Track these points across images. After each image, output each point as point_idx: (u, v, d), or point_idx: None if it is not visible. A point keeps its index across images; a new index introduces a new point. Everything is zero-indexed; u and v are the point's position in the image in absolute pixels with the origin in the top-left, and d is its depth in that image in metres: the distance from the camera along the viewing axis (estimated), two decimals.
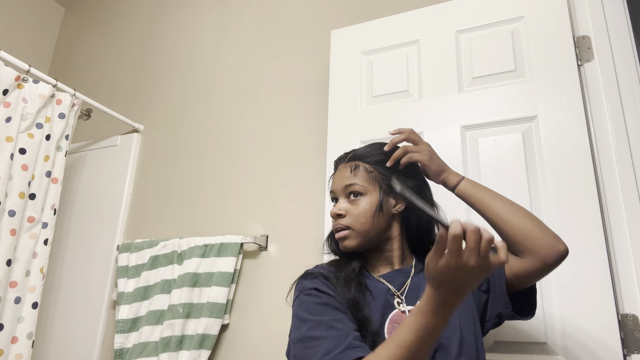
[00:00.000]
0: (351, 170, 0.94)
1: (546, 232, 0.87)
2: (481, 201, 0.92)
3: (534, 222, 0.88)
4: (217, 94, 2.08)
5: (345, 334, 0.77)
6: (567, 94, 1.32)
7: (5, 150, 1.61)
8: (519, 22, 1.46)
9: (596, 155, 1.29)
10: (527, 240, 0.86)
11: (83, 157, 2.25)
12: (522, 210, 0.90)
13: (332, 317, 0.80)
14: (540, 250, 0.86)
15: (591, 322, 1.14)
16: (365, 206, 0.92)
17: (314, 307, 0.83)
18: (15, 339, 1.58)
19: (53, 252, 2.03)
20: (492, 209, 0.91)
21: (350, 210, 0.92)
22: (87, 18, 2.72)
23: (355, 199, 0.93)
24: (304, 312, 0.83)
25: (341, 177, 0.96)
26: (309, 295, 0.86)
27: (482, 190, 0.94)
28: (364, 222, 0.91)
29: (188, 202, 1.96)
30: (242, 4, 2.17)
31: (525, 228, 0.87)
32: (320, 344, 0.76)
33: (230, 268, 1.66)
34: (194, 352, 1.57)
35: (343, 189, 0.95)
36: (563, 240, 0.87)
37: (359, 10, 1.85)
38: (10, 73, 1.67)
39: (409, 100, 1.53)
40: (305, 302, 0.85)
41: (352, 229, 0.92)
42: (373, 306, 0.87)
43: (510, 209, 0.90)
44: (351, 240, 0.92)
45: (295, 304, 0.88)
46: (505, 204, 0.91)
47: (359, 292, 0.87)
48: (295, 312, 0.86)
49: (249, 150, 1.90)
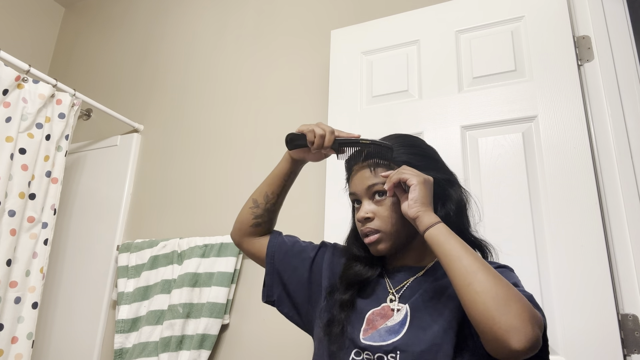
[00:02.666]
0: (371, 171, 0.89)
1: (505, 319, 0.66)
2: (447, 251, 0.75)
3: (496, 301, 0.67)
4: (217, 94, 2.08)
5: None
6: (567, 94, 1.32)
7: (5, 150, 1.61)
8: (519, 22, 1.46)
9: (596, 155, 1.29)
10: (479, 325, 0.69)
11: (83, 157, 2.25)
12: (487, 282, 0.70)
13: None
14: (489, 343, 0.69)
15: (591, 322, 1.14)
16: (392, 205, 0.87)
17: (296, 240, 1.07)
18: (15, 339, 1.58)
19: (53, 252, 2.03)
20: (454, 270, 0.73)
21: (378, 211, 0.88)
22: (87, 18, 2.73)
23: (380, 199, 0.88)
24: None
25: (361, 178, 0.90)
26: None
27: (454, 241, 0.76)
28: (394, 223, 0.87)
29: (188, 202, 1.96)
30: (242, 4, 2.17)
31: (480, 308, 0.68)
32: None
33: (230, 268, 1.66)
34: (194, 352, 1.57)
35: (366, 190, 0.89)
36: (527, 335, 0.65)
37: (359, 10, 1.85)
38: (10, 73, 1.67)
39: (409, 100, 1.53)
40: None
41: (383, 232, 0.87)
42: (365, 296, 0.90)
43: (474, 277, 0.71)
44: (384, 243, 0.87)
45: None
46: (470, 268, 0.72)
47: (350, 295, 0.89)
48: None
49: (249, 149, 1.90)
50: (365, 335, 0.85)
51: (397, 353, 0.80)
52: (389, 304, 0.87)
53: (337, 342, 0.86)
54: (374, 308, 0.88)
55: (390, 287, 0.90)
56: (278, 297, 1.03)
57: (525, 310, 0.67)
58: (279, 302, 1.03)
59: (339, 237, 1.07)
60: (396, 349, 0.80)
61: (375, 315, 0.87)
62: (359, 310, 0.89)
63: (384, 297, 0.89)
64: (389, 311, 0.86)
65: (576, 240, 1.20)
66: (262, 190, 1.05)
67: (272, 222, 1.08)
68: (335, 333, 0.87)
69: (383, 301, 0.88)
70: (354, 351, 0.84)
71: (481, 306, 0.68)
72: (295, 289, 1.01)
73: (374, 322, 0.86)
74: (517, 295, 0.69)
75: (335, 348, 0.86)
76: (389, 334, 0.82)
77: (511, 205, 1.30)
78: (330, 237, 1.26)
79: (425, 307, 0.83)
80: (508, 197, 1.31)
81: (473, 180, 1.36)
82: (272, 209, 1.05)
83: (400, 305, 0.86)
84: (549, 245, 1.23)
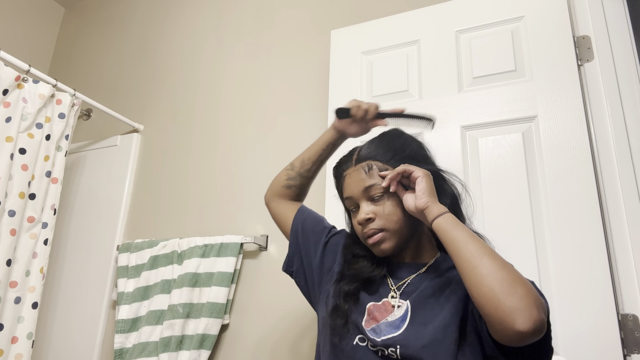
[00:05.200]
0: (366, 172, 0.89)
1: (510, 301, 0.67)
2: (454, 238, 0.77)
3: (501, 283, 0.69)
4: (217, 94, 2.08)
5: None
6: (567, 94, 1.32)
7: (5, 150, 1.61)
8: (519, 22, 1.46)
9: (596, 155, 1.29)
10: (484, 307, 0.69)
11: (83, 157, 2.25)
12: (493, 265, 0.71)
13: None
14: (494, 325, 0.69)
15: (591, 322, 1.14)
16: (392, 203, 0.87)
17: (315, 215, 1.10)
18: (15, 339, 1.58)
19: (53, 252, 2.03)
20: (461, 256, 0.75)
21: (378, 211, 0.87)
22: (87, 18, 2.73)
23: (379, 199, 0.88)
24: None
25: (357, 181, 0.90)
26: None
27: (458, 231, 0.77)
28: (397, 220, 0.86)
29: (188, 202, 1.96)
30: (242, 4, 2.17)
31: (485, 290, 0.70)
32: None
33: (230, 268, 1.66)
34: (194, 352, 1.57)
35: (363, 192, 0.89)
36: (532, 317, 0.66)
37: (359, 10, 1.85)
38: (10, 73, 1.67)
39: (409, 100, 1.53)
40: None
41: (386, 230, 0.86)
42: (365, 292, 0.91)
43: (479, 260, 0.72)
44: (388, 242, 0.87)
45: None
46: (477, 253, 0.73)
47: (352, 289, 0.90)
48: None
49: (248, 149, 1.90)
50: (368, 326, 0.86)
51: (397, 347, 0.80)
52: (390, 300, 0.87)
53: (339, 333, 0.87)
54: (374, 302, 0.89)
55: (391, 284, 0.90)
56: (296, 269, 1.06)
57: (530, 293, 0.68)
58: (297, 274, 1.06)
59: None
60: (396, 343, 0.80)
61: (376, 307, 0.88)
62: (361, 302, 0.90)
63: (386, 294, 0.89)
64: (389, 307, 0.87)
65: (576, 240, 1.20)
66: (301, 155, 1.11)
67: (303, 189, 1.12)
68: (338, 324, 0.87)
69: (384, 297, 0.89)
70: (358, 336, 0.85)
71: (486, 289, 0.69)
72: (310, 268, 1.04)
73: (374, 313, 0.87)
74: (522, 279, 0.70)
75: (337, 340, 0.87)
76: (389, 329, 0.83)
77: (511, 205, 1.30)
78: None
79: (426, 303, 0.84)
80: (508, 197, 1.31)
81: (473, 180, 1.36)
82: (306, 174, 1.09)
83: (401, 302, 0.86)
84: (549, 245, 1.23)
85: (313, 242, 1.05)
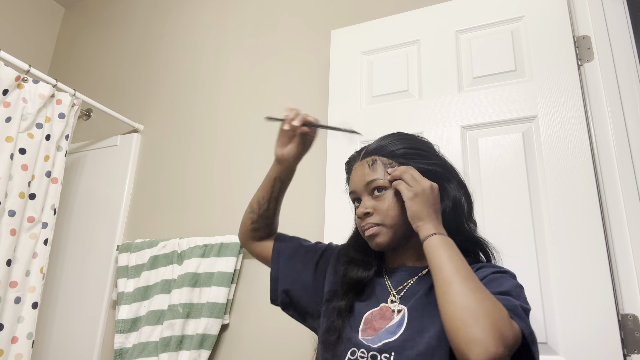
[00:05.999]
0: (369, 167, 0.90)
1: (468, 331, 0.66)
2: (433, 263, 0.77)
3: (463, 312, 0.68)
4: (217, 94, 2.08)
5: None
6: (567, 94, 1.32)
7: (5, 150, 1.61)
8: (519, 22, 1.46)
9: (596, 155, 1.29)
10: (447, 332, 0.70)
11: (83, 157, 2.25)
12: (461, 293, 0.70)
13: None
14: (454, 351, 0.69)
15: (591, 322, 1.14)
16: (392, 199, 0.87)
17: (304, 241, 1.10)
18: (15, 339, 1.58)
19: (53, 252, 2.03)
20: (435, 281, 0.75)
21: (377, 206, 0.88)
22: (87, 18, 2.72)
23: (379, 195, 0.88)
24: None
25: (360, 175, 0.91)
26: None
27: (441, 253, 0.77)
28: (394, 216, 0.86)
29: (188, 202, 1.96)
30: (242, 4, 2.17)
31: (449, 316, 0.70)
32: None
33: (230, 268, 1.66)
34: (194, 352, 1.57)
35: (365, 186, 0.90)
36: (487, 351, 0.64)
37: (359, 10, 1.85)
38: (10, 73, 1.67)
39: (409, 100, 1.53)
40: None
41: (383, 225, 0.87)
42: (365, 297, 0.90)
43: (449, 287, 0.72)
44: (382, 236, 0.87)
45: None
46: (449, 278, 0.73)
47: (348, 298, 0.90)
48: None
49: (249, 149, 1.90)
50: (364, 335, 0.85)
51: (391, 354, 0.79)
52: (389, 305, 0.87)
53: (332, 350, 0.87)
54: (372, 309, 0.88)
55: (390, 287, 0.89)
56: (282, 301, 1.05)
57: (494, 325, 0.66)
58: (283, 305, 1.05)
59: (339, 239, 1.08)
60: (391, 350, 0.80)
61: (374, 315, 0.87)
62: (357, 312, 0.89)
63: (384, 298, 0.88)
64: (387, 312, 0.86)
65: (576, 240, 1.20)
66: (256, 195, 1.08)
67: (272, 227, 1.09)
68: (330, 341, 0.87)
69: (383, 302, 0.88)
70: (349, 351, 0.84)
71: (450, 316, 0.69)
72: (299, 294, 1.02)
73: (372, 322, 0.86)
74: (492, 309, 0.68)
75: (330, 356, 0.87)
76: (385, 334, 0.82)
77: (511, 205, 1.30)
78: (330, 239, 1.26)
79: (424, 309, 0.83)
80: (508, 197, 1.31)
81: (473, 181, 1.36)
82: (266, 214, 1.06)
83: (401, 307, 0.85)
84: (549, 245, 1.23)
85: (301, 266, 1.04)
